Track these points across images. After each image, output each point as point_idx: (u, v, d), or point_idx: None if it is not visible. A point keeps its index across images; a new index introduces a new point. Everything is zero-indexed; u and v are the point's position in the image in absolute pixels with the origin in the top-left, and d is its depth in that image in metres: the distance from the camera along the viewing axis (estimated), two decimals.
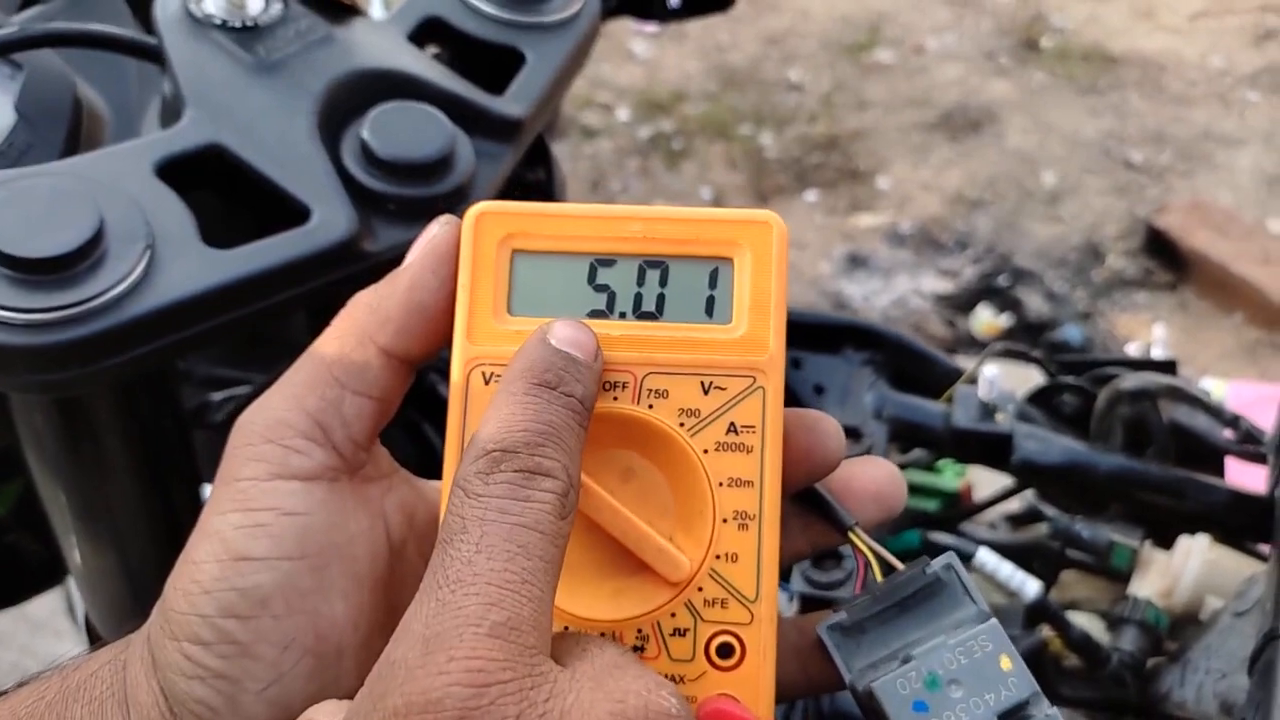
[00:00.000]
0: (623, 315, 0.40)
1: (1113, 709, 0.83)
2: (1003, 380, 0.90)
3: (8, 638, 1.71)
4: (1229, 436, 0.89)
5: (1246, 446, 0.88)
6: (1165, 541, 0.89)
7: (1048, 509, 0.94)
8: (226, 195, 0.59)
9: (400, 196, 0.59)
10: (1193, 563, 0.85)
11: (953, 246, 2.62)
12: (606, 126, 2.94)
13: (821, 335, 0.92)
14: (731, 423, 0.39)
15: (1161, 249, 2.57)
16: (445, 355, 0.40)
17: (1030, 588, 0.83)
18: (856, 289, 2.53)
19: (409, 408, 0.73)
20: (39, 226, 0.52)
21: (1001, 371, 0.90)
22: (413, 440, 0.73)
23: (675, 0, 0.85)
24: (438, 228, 0.40)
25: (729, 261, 0.40)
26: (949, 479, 0.95)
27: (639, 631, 0.38)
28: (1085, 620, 0.86)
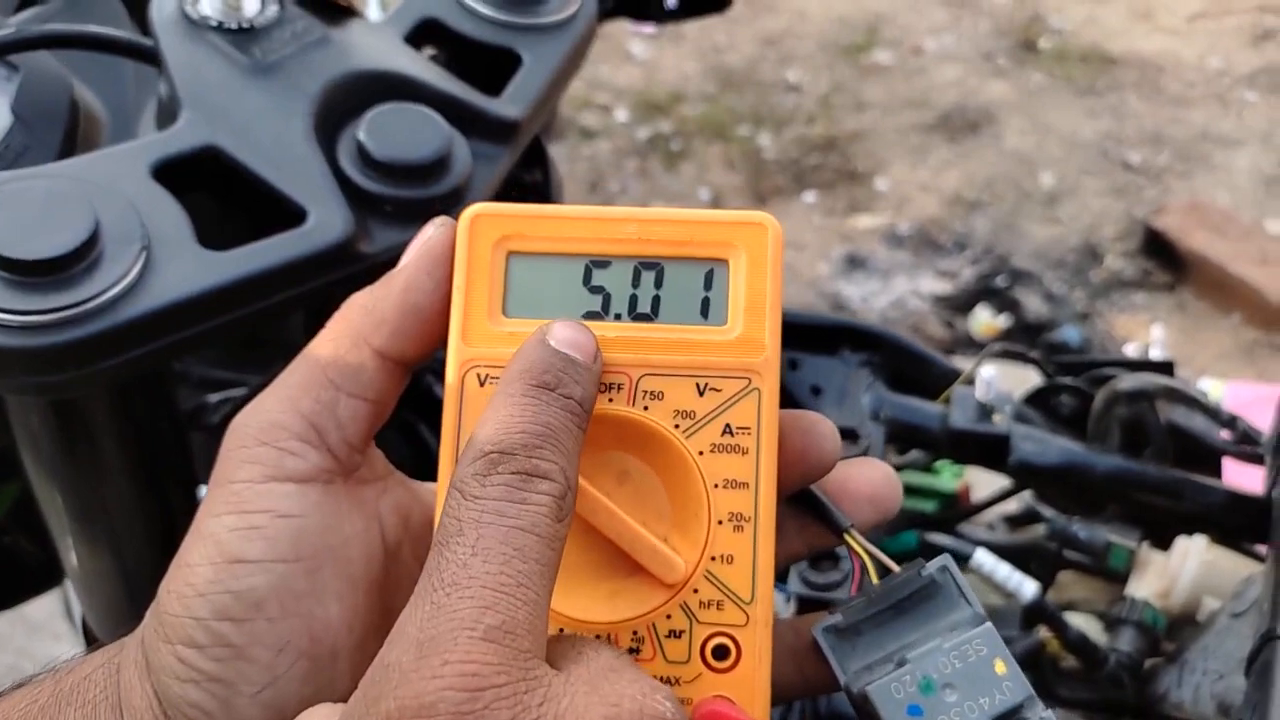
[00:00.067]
0: (618, 317, 0.40)
1: (1110, 710, 0.83)
2: (1000, 381, 0.90)
3: (5, 640, 1.71)
4: (1226, 437, 0.89)
5: (1244, 447, 0.88)
6: (1163, 542, 0.89)
7: (1045, 510, 0.94)
8: (222, 197, 0.59)
9: (397, 198, 0.59)
10: (1190, 563, 0.85)
11: (951, 247, 2.62)
12: (605, 127, 2.94)
13: (818, 336, 0.92)
14: (727, 424, 0.39)
15: (1159, 250, 2.57)
16: (441, 357, 0.40)
17: (1027, 589, 0.83)
18: (855, 290, 2.53)
19: (405, 409, 0.72)
20: (34, 228, 0.52)
21: (999, 372, 0.90)
22: (408, 442, 0.72)
23: (672, 1, 0.85)
24: (433, 229, 0.40)
25: (724, 263, 0.40)
26: (946, 480, 0.95)
27: (634, 633, 0.38)
28: (1083, 621, 0.86)
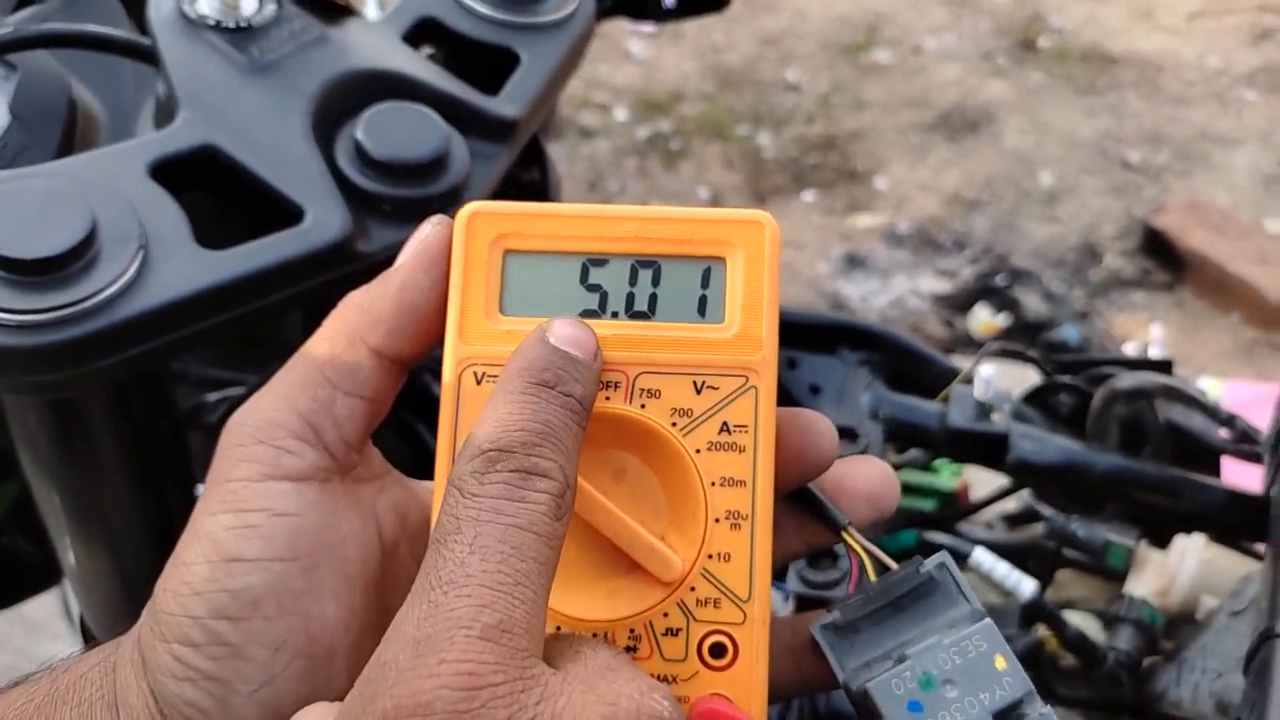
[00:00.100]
0: (615, 315, 0.40)
1: (1109, 708, 0.83)
2: (999, 380, 0.90)
3: (4, 640, 1.71)
4: (1225, 436, 0.89)
5: (1242, 446, 0.88)
6: (1161, 541, 0.89)
7: (1044, 508, 0.94)
8: (220, 196, 0.59)
9: (394, 197, 0.59)
10: (1189, 562, 0.85)
11: (950, 247, 2.62)
12: (604, 127, 2.94)
13: (817, 335, 0.92)
14: (724, 422, 0.39)
15: (1159, 249, 2.57)
16: (439, 356, 0.40)
17: (1026, 587, 0.83)
18: (854, 289, 2.53)
19: (402, 408, 0.72)
20: (32, 227, 0.52)
21: (998, 371, 0.90)
22: (406, 441, 0.72)
23: (670, 0, 0.85)
24: (430, 228, 0.40)
25: (721, 261, 0.40)
26: (945, 479, 0.95)
27: (631, 631, 0.38)
28: (1081, 620, 0.86)
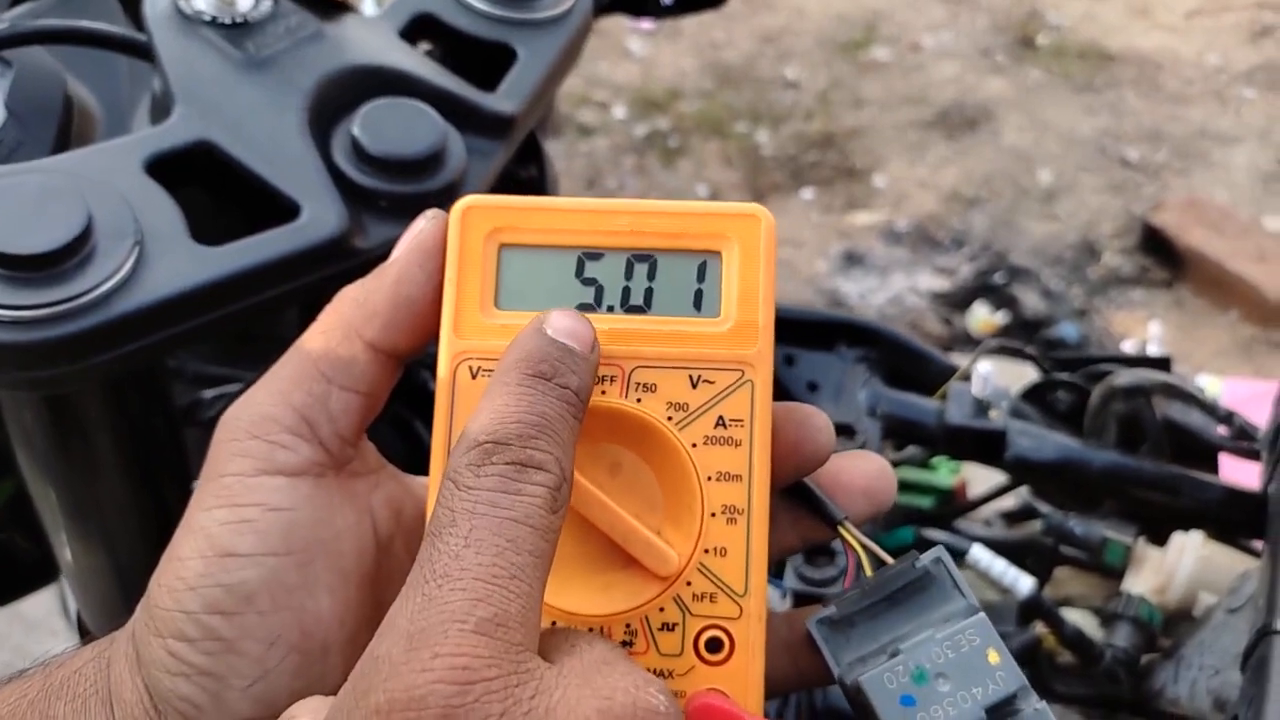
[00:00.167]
0: (610, 309, 0.40)
1: (1106, 705, 0.83)
2: (997, 377, 0.90)
3: (2, 638, 1.71)
4: (1223, 433, 0.89)
5: (1241, 443, 0.87)
6: (1159, 538, 0.89)
7: (1042, 506, 0.94)
8: (216, 192, 0.59)
9: (391, 193, 0.59)
10: (1186, 559, 0.85)
11: (949, 244, 2.62)
12: (602, 124, 2.94)
13: (815, 332, 0.92)
14: (720, 416, 0.39)
15: (1157, 246, 2.57)
16: (434, 351, 0.40)
17: (1024, 584, 0.83)
18: (853, 287, 2.53)
19: (398, 404, 0.72)
20: (27, 223, 0.52)
21: (996, 368, 0.90)
22: (402, 437, 0.72)
23: None
24: (425, 222, 0.40)
25: (717, 255, 0.40)
26: (943, 476, 0.95)
27: (627, 626, 0.38)
28: (1079, 617, 0.86)
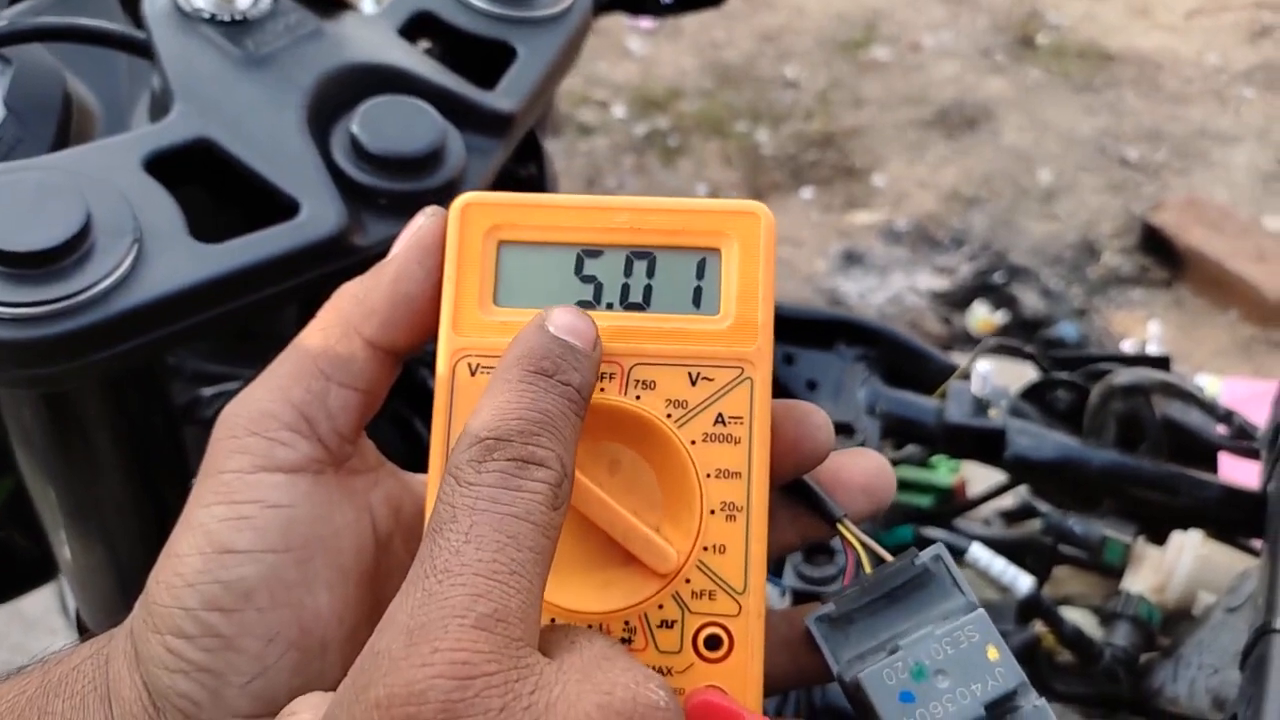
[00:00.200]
0: (610, 306, 0.40)
1: (1105, 704, 0.83)
2: (996, 376, 0.90)
3: (1, 636, 1.71)
4: (1222, 432, 0.89)
5: (1240, 442, 0.88)
6: (1158, 537, 0.89)
7: (1041, 505, 0.94)
8: (215, 189, 0.59)
9: (390, 191, 0.59)
10: (1185, 558, 0.85)
11: (948, 244, 2.62)
12: (602, 124, 2.94)
13: (815, 331, 0.92)
14: (719, 414, 0.39)
15: (1157, 246, 2.57)
16: (433, 349, 0.40)
17: (1023, 583, 0.83)
18: (852, 286, 2.53)
19: (398, 402, 0.72)
20: (26, 220, 0.52)
21: (995, 367, 0.90)
22: (401, 435, 0.72)
23: None
24: (424, 219, 0.40)
25: (716, 252, 0.40)
26: (942, 475, 0.95)
27: (626, 623, 0.38)
28: (1078, 616, 0.86)
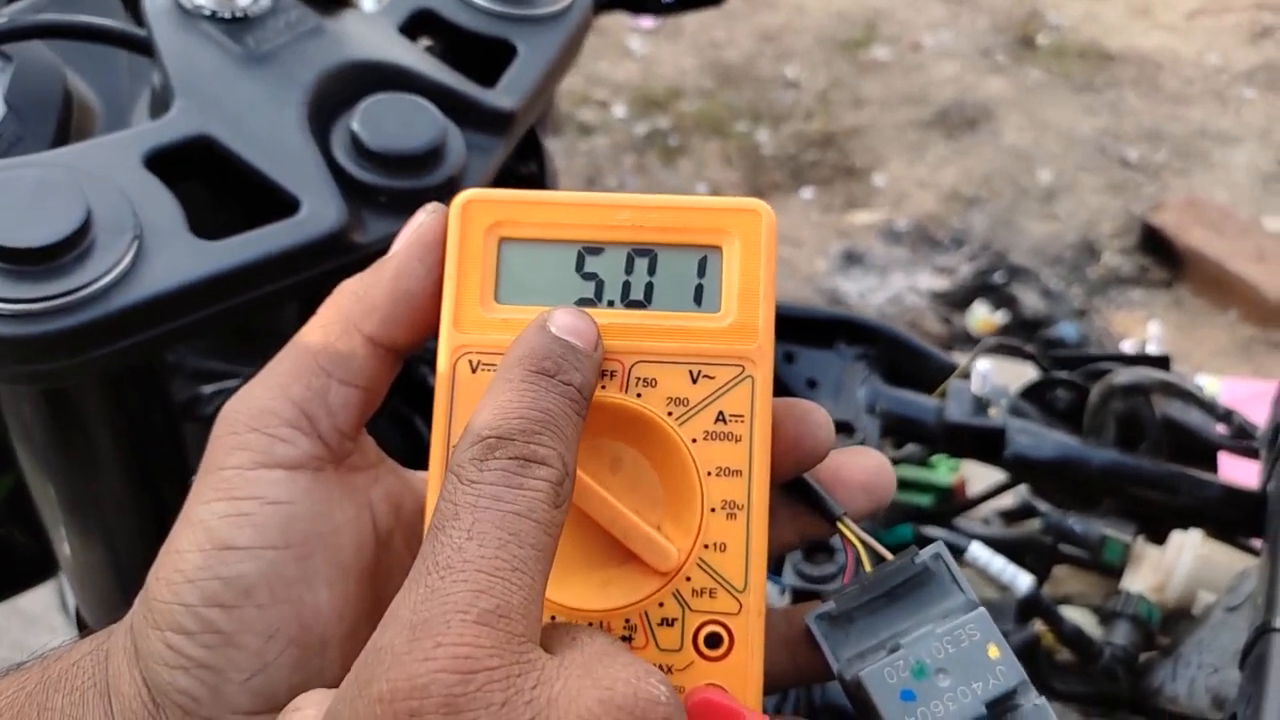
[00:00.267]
0: (611, 304, 0.40)
1: (1105, 703, 0.83)
2: (996, 375, 0.90)
3: (1, 634, 1.71)
4: (1222, 431, 0.89)
5: (1239, 442, 0.88)
6: (1158, 536, 0.89)
7: (1041, 504, 0.94)
8: (215, 186, 0.59)
9: (391, 188, 0.59)
10: (1185, 557, 0.85)
11: (949, 244, 2.62)
12: (602, 123, 2.94)
13: (815, 329, 0.92)
14: (720, 412, 0.39)
15: (1157, 246, 2.57)
16: (434, 346, 0.40)
17: (1023, 582, 0.83)
18: (852, 286, 2.53)
19: (398, 400, 0.72)
20: (26, 217, 0.52)
21: (995, 367, 0.90)
22: (402, 432, 0.72)
23: None
24: (424, 215, 0.40)
25: (718, 250, 0.40)
26: (942, 474, 0.95)
27: (627, 621, 0.38)
28: (1078, 615, 0.86)
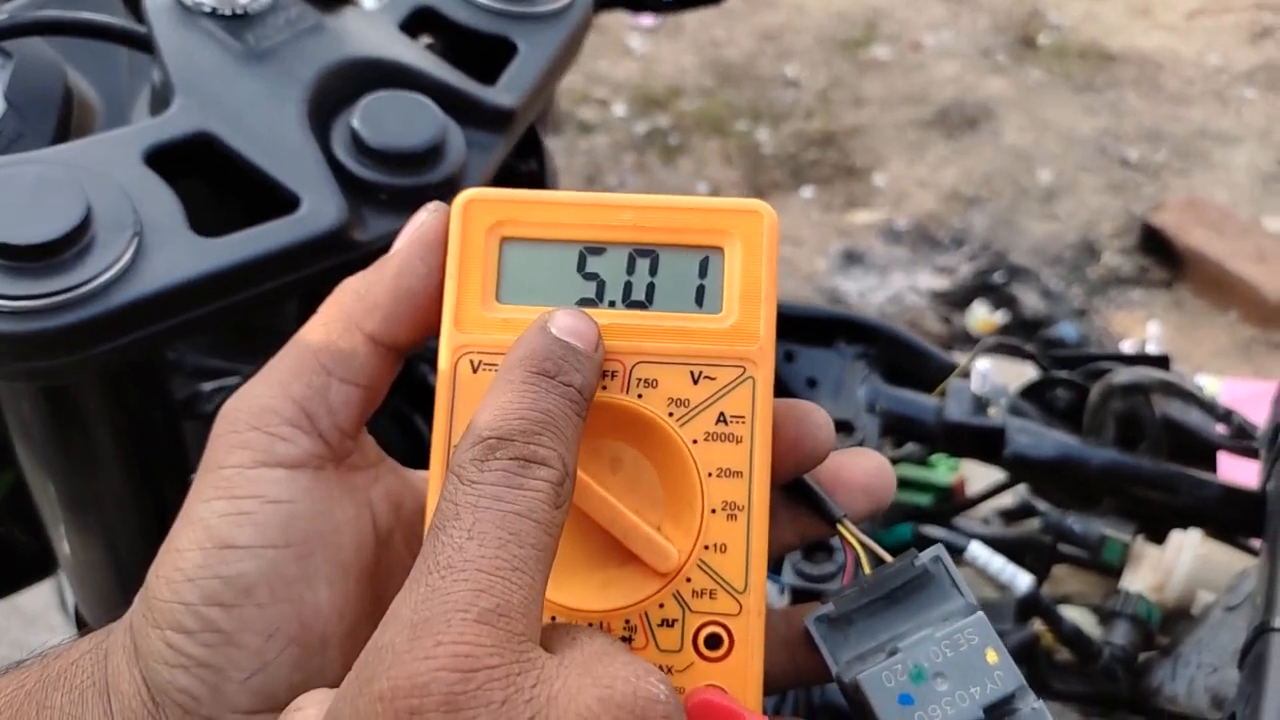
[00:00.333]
0: (612, 304, 0.39)
1: (1104, 703, 0.83)
2: (996, 375, 0.90)
3: (0, 632, 1.71)
4: (1222, 431, 0.89)
5: (1239, 441, 0.88)
6: (1157, 536, 0.89)
7: (1040, 503, 0.94)
8: (215, 183, 0.59)
9: (391, 186, 0.59)
10: (1185, 557, 0.85)
11: (949, 243, 2.62)
12: (603, 122, 2.94)
13: (815, 328, 0.92)
14: (721, 413, 0.39)
15: (1157, 246, 2.56)
16: (435, 345, 0.40)
17: (1022, 582, 0.83)
18: (852, 285, 2.53)
19: (399, 399, 0.72)
20: (26, 213, 0.52)
21: (995, 366, 0.90)
22: (402, 431, 0.72)
23: None
24: (426, 214, 0.40)
25: (719, 251, 0.40)
26: (942, 473, 0.95)
27: (627, 622, 0.38)
28: (1077, 614, 0.86)
